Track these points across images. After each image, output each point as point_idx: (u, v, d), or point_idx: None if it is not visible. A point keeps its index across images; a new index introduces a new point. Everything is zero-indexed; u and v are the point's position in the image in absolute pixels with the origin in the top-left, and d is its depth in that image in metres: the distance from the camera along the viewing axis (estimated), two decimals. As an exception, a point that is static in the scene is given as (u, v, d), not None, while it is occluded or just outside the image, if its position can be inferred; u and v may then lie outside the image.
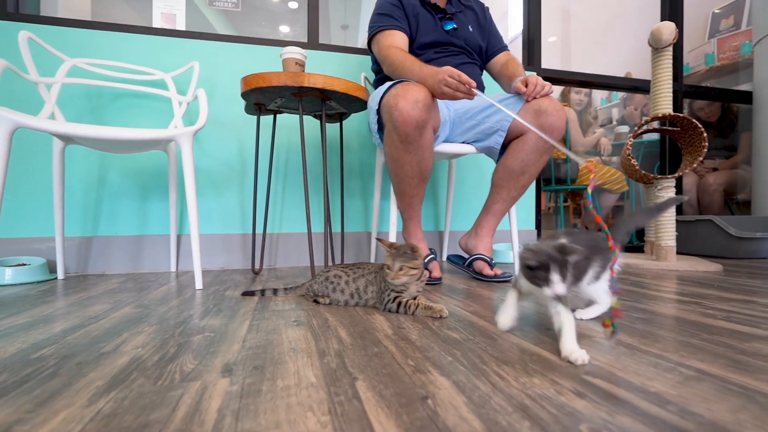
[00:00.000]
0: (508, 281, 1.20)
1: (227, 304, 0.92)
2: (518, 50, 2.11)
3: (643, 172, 1.53)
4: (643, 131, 1.59)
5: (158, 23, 1.64)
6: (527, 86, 1.15)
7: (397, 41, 1.21)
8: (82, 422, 0.38)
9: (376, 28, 1.26)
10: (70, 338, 0.66)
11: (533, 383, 0.46)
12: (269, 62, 1.64)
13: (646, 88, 2.19)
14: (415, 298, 0.84)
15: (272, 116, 1.46)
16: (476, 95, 0.99)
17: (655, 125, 1.73)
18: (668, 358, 0.54)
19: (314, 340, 0.64)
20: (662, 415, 0.38)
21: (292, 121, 1.67)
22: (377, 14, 1.28)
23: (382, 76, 1.35)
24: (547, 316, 0.77)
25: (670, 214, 1.52)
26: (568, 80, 2.15)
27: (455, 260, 1.37)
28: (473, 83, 0.98)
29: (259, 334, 0.68)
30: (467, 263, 1.28)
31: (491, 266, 1.22)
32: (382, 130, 1.16)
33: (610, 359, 0.54)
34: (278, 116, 1.65)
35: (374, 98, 1.17)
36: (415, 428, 0.37)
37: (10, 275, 1.22)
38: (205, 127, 1.59)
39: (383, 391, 0.44)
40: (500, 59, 1.37)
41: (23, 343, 0.63)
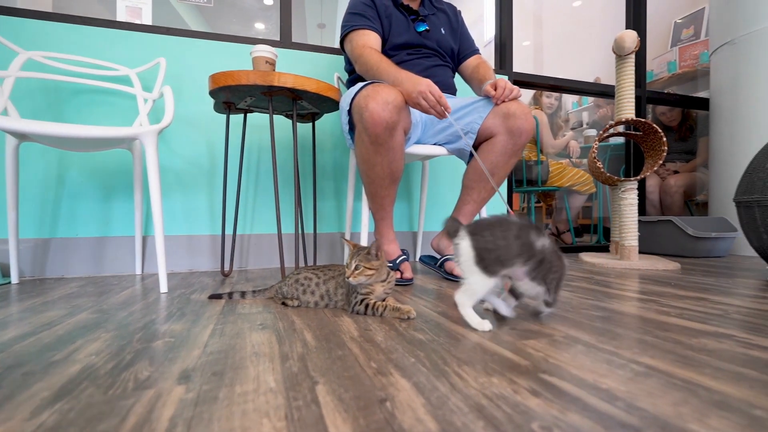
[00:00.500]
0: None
1: (192, 308, 0.90)
2: (492, 54, 2.15)
3: (607, 174, 1.59)
4: (608, 135, 1.65)
5: (123, 17, 1.58)
6: (496, 90, 1.17)
7: (370, 41, 1.21)
8: (21, 436, 0.37)
9: (349, 27, 1.26)
10: (18, 347, 0.62)
11: (492, 383, 0.47)
12: (241, 60, 1.61)
13: (613, 93, 2.27)
14: (383, 299, 0.84)
15: (242, 115, 1.43)
16: (446, 118, 1.02)
17: (620, 129, 1.79)
18: (622, 355, 0.56)
19: (278, 343, 0.63)
20: (610, 411, 0.40)
21: (263, 120, 1.65)
22: (350, 13, 1.28)
23: (355, 76, 1.35)
24: (516, 316, 0.79)
25: (632, 215, 1.59)
26: (539, 84, 2.20)
27: (427, 261, 1.38)
28: (449, 107, 1.02)
29: (222, 338, 0.66)
30: (439, 264, 1.30)
31: (462, 267, 1.24)
32: (354, 130, 1.16)
33: (567, 357, 0.55)
34: (249, 115, 1.62)
35: (346, 99, 1.17)
36: (370, 431, 0.37)
37: (-43, 280, 1.15)
38: (172, 125, 1.54)
39: (343, 394, 0.44)
40: (471, 62, 1.39)
41: (-35, 352, 0.60)
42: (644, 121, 1.53)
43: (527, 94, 3.10)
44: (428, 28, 1.31)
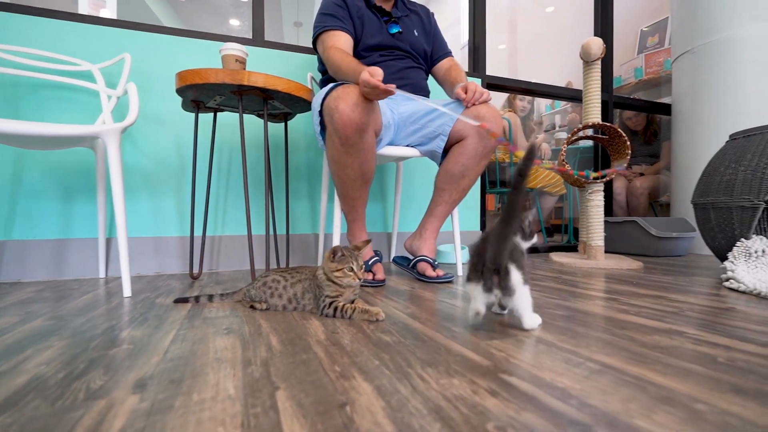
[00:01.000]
0: (450, 282, 1.23)
1: (156, 312, 0.87)
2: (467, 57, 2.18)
3: (575, 176, 1.64)
4: (576, 138, 1.70)
5: (85, 10, 1.52)
6: (467, 93, 1.19)
7: (340, 42, 1.21)
8: (-45, 454, 0.35)
9: (320, 28, 1.25)
10: (-39, 357, 0.59)
11: (452, 384, 0.48)
12: (212, 57, 1.58)
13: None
14: (352, 301, 0.84)
15: (212, 114, 1.40)
16: (395, 93, 0.96)
17: (589, 132, 1.85)
18: (580, 353, 0.58)
19: (242, 348, 0.62)
20: (563, 409, 0.41)
21: (234, 119, 1.62)
22: (321, 14, 1.27)
23: (328, 76, 1.34)
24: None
25: (599, 216, 1.64)
26: (511, 87, 2.25)
27: (400, 262, 1.38)
28: (384, 86, 0.94)
29: (183, 344, 0.65)
30: (411, 264, 1.30)
31: (434, 267, 1.25)
32: (325, 131, 1.15)
33: (528, 357, 0.57)
34: (220, 114, 1.59)
35: (317, 99, 1.16)
36: (327, 437, 0.37)
37: None
38: (139, 123, 1.49)
39: (303, 400, 0.44)
40: (444, 65, 1.40)
41: None
42: (609, 125, 1.58)
43: (501, 96, 3.16)
44: (401, 30, 1.32)
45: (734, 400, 0.43)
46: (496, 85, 2.16)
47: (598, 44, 1.56)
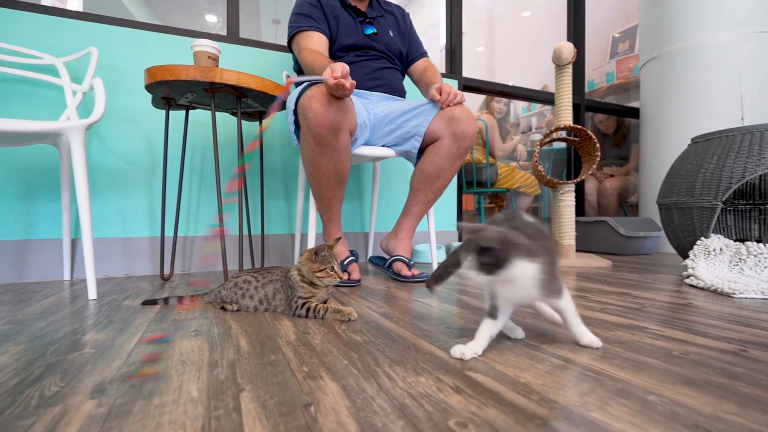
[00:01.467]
0: (424, 281, 1.24)
1: (122, 315, 0.85)
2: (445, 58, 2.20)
3: (548, 177, 1.68)
4: (549, 140, 1.74)
5: (49, 1, 1.46)
6: (441, 94, 1.20)
7: (314, 43, 1.20)
8: None
9: (295, 28, 1.24)
10: None
11: (419, 382, 0.48)
12: (185, 54, 1.54)
13: (554, 100, 2.40)
14: (325, 301, 0.83)
15: (184, 111, 1.37)
16: (348, 81, 0.91)
17: (562, 135, 1.90)
18: (545, 349, 0.60)
19: (209, 350, 0.61)
20: (524, 404, 0.42)
21: (207, 117, 1.58)
22: (296, 14, 1.26)
23: (302, 76, 1.33)
24: (443, 314, 0.82)
25: (570, 215, 1.68)
26: (488, 90, 2.28)
27: (376, 261, 1.39)
28: (343, 82, 0.91)
29: (148, 347, 0.63)
30: (387, 264, 1.31)
31: (410, 267, 1.26)
32: (300, 130, 1.14)
33: (494, 354, 0.58)
34: (192, 112, 1.55)
35: (292, 99, 1.15)
36: (289, 438, 0.36)
37: None
38: (107, 120, 1.44)
39: (267, 401, 0.44)
40: (420, 65, 1.41)
41: None
42: (579, 127, 1.63)
43: (478, 98, 3.21)
44: (376, 30, 1.32)
45: (683, 390, 0.45)
46: (472, 87, 2.19)
47: (569, 49, 1.60)
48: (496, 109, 2.90)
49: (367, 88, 1.30)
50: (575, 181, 1.66)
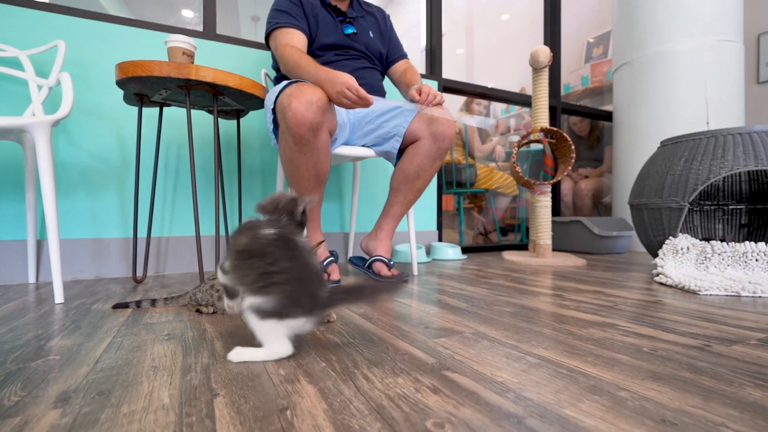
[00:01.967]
0: (406, 282, 1.25)
1: (90, 319, 0.81)
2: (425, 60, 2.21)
3: (526, 178, 1.71)
4: (526, 142, 1.78)
5: (13, -9, 1.39)
6: (421, 95, 1.20)
7: (294, 40, 1.19)
8: None
9: (273, 24, 1.22)
10: None
11: (397, 383, 0.48)
12: (159, 49, 1.50)
13: (532, 103, 2.45)
14: (304, 303, 0.82)
15: (158, 108, 1.33)
16: (373, 102, 1.02)
17: (539, 136, 1.94)
18: (521, 348, 0.61)
19: (183, 355, 0.59)
20: (499, 402, 0.43)
21: (183, 114, 1.54)
22: (275, 10, 1.24)
23: (282, 74, 1.32)
24: (431, 314, 0.82)
25: (547, 216, 1.72)
26: (468, 91, 2.31)
27: (356, 262, 1.38)
28: (369, 99, 1.00)
29: (118, 353, 0.61)
30: (367, 265, 1.30)
31: (389, 267, 1.26)
32: (278, 129, 1.12)
33: (472, 353, 0.58)
34: (167, 109, 1.51)
35: (270, 97, 1.13)
36: (264, 443, 0.36)
37: None
38: (76, 117, 1.39)
39: (242, 406, 0.43)
40: (399, 67, 1.42)
41: None
42: (555, 129, 1.66)
43: (459, 100, 3.24)
44: (356, 31, 1.32)
45: (652, 386, 0.46)
46: (452, 88, 2.21)
47: (545, 52, 1.64)
48: (476, 111, 2.94)
49: None
50: (552, 182, 1.70)
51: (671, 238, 1.29)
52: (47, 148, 0.97)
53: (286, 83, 1.07)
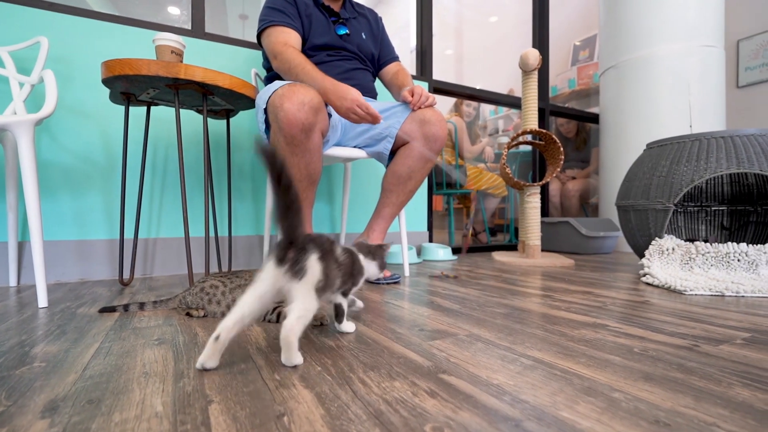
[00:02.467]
0: (396, 282, 1.25)
1: (76, 324, 0.79)
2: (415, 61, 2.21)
3: (515, 179, 1.73)
4: (516, 143, 1.79)
5: (-7, -15, 1.35)
6: (413, 96, 1.20)
7: (291, 39, 1.18)
8: None
9: (267, 22, 1.21)
10: None
11: (394, 387, 0.48)
12: (146, 47, 1.47)
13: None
14: (297, 305, 0.82)
15: (145, 107, 1.30)
16: (382, 120, 1.04)
17: (528, 138, 1.96)
18: (515, 350, 0.61)
19: (174, 360, 0.58)
20: (497, 405, 0.43)
21: (171, 113, 1.52)
22: (268, 8, 1.23)
23: (273, 73, 1.30)
24: (422, 315, 0.82)
25: (536, 217, 1.74)
26: (457, 93, 2.32)
27: (348, 263, 1.37)
28: (378, 116, 1.03)
29: (107, 358, 0.59)
30: (359, 266, 1.30)
31: (381, 268, 1.25)
32: (270, 130, 1.11)
33: (467, 356, 0.59)
34: (155, 108, 1.48)
35: (262, 97, 1.12)
36: (262, 451, 0.35)
37: None
38: (60, 115, 1.35)
39: (238, 413, 0.42)
40: (391, 69, 1.42)
41: None
42: (544, 131, 1.68)
43: (449, 101, 3.26)
44: (348, 32, 1.31)
45: (644, 387, 0.47)
46: (442, 89, 2.22)
47: (534, 55, 1.66)
48: (465, 112, 2.96)
49: None
50: (541, 183, 1.72)
51: (657, 239, 1.31)
52: (30, 147, 0.94)
53: (278, 83, 1.06)
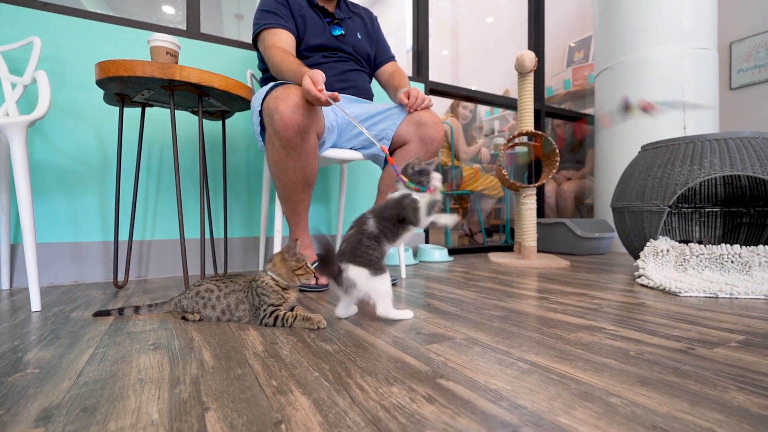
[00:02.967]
0: (393, 284, 1.24)
1: (70, 328, 0.78)
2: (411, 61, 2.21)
3: (511, 181, 1.73)
4: (512, 145, 1.80)
5: (-16, -16, 1.33)
6: (409, 98, 1.20)
7: (282, 41, 1.17)
8: None
9: (261, 26, 1.21)
10: None
11: (391, 393, 0.48)
12: (140, 48, 1.45)
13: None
14: (292, 309, 0.82)
15: (140, 108, 1.29)
16: (338, 100, 0.98)
17: (524, 139, 1.97)
18: (512, 353, 0.61)
19: (170, 366, 0.58)
20: (495, 411, 0.43)
21: (166, 114, 1.51)
22: (261, 11, 1.22)
23: (268, 75, 1.30)
24: (424, 319, 0.82)
25: (532, 218, 1.75)
26: (453, 94, 2.32)
27: (344, 265, 1.37)
28: (322, 97, 0.94)
29: (102, 364, 0.59)
30: (355, 268, 1.30)
31: (378, 270, 1.25)
32: (265, 131, 1.11)
33: (464, 360, 0.59)
34: (150, 109, 1.47)
35: (257, 99, 1.11)
36: (259, 460, 0.35)
37: None
38: (54, 116, 1.34)
39: (235, 420, 0.42)
40: (387, 69, 1.41)
41: None
42: (540, 133, 1.69)
43: (445, 102, 3.27)
44: (344, 32, 1.31)
45: (641, 391, 0.47)
46: (438, 91, 2.22)
47: (530, 57, 1.66)
48: (462, 114, 2.97)
49: (334, 90, 1.28)
50: (537, 184, 1.73)
51: (652, 240, 1.32)
52: (23, 149, 0.93)
53: (272, 85, 1.05)
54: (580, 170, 3.08)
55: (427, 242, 2.12)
